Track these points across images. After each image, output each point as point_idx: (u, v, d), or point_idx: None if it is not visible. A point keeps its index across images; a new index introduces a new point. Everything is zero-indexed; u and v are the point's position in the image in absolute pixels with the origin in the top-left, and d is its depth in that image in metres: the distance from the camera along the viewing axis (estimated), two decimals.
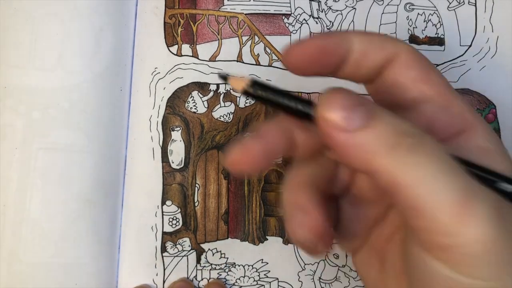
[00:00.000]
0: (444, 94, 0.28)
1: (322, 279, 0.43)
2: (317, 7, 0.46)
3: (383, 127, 0.23)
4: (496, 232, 0.22)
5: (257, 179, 0.44)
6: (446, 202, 0.22)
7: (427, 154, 0.23)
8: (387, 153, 0.23)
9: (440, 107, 0.27)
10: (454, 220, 0.22)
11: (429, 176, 0.22)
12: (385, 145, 0.23)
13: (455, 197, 0.22)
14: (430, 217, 0.23)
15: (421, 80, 0.28)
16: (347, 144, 0.24)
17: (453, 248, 0.23)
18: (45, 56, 0.42)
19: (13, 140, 0.41)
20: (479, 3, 0.46)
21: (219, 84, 0.45)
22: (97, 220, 0.41)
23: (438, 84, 0.28)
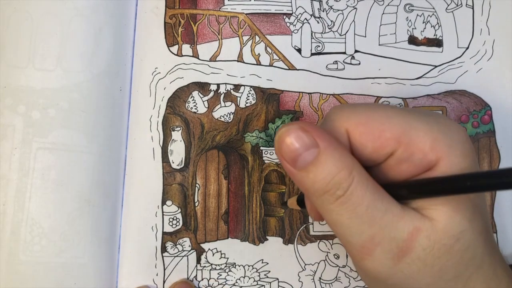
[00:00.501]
0: (406, 144, 0.30)
1: (322, 279, 0.43)
2: (318, 6, 0.46)
3: (319, 175, 0.29)
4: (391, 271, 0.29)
5: (257, 179, 0.44)
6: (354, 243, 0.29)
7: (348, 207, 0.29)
8: (318, 197, 0.29)
9: (402, 159, 0.30)
10: (358, 255, 0.30)
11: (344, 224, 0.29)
12: (317, 190, 0.29)
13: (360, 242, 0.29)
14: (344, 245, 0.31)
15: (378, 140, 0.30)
16: (293, 176, 0.30)
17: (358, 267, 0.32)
18: (45, 56, 0.42)
19: (13, 140, 0.41)
20: (477, 6, 0.47)
21: (220, 84, 0.45)
22: (97, 220, 0.41)
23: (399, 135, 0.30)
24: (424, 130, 0.30)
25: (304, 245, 0.43)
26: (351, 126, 0.30)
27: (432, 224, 0.29)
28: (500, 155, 0.45)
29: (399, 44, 0.46)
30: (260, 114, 0.45)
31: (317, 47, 0.46)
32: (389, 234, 0.29)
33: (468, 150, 0.30)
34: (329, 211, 0.29)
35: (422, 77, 0.45)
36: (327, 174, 0.28)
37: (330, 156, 0.29)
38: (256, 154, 0.44)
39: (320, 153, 0.29)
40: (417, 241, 0.29)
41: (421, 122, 0.30)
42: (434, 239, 0.29)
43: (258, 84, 0.45)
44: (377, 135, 0.30)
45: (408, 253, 0.29)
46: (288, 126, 0.30)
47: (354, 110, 0.31)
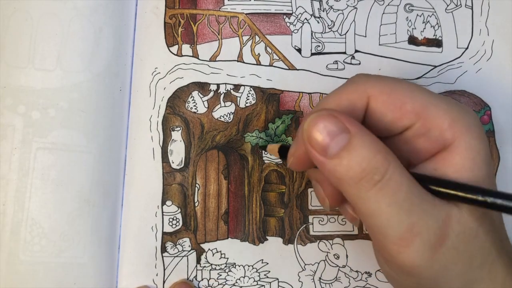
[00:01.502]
0: (424, 119, 0.30)
1: (322, 279, 0.43)
2: (318, 6, 0.46)
3: (354, 160, 0.27)
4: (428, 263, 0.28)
5: (257, 179, 0.44)
6: (392, 235, 0.28)
7: (387, 193, 0.27)
8: (353, 184, 0.28)
9: (419, 133, 0.30)
10: (395, 248, 0.28)
11: (383, 213, 0.28)
12: (352, 177, 0.28)
13: (399, 233, 0.28)
14: (378, 240, 0.29)
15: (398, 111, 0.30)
16: (323, 166, 0.29)
17: (391, 263, 0.30)
18: (45, 56, 0.42)
19: (13, 140, 0.41)
20: (476, 6, 0.47)
21: (219, 84, 0.45)
22: (96, 220, 0.41)
23: (420, 109, 0.30)
24: (444, 109, 0.30)
25: (304, 245, 0.43)
26: (375, 93, 0.31)
27: (459, 210, 0.29)
28: (500, 155, 0.45)
29: (399, 44, 0.46)
30: (260, 114, 0.45)
31: (317, 47, 0.46)
32: (427, 223, 0.28)
33: (483, 134, 0.30)
34: (366, 199, 0.28)
35: (422, 77, 0.45)
36: (362, 158, 0.27)
37: (363, 141, 0.28)
38: (256, 154, 0.44)
39: (352, 138, 0.28)
40: (451, 227, 0.28)
41: (441, 101, 0.30)
42: (464, 223, 0.29)
43: (258, 84, 0.45)
44: (399, 106, 0.30)
45: (445, 241, 0.28)
46: (315, 113, 0.29)
47: (379, 79, 0.31)
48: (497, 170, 0.45)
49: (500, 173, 0.44)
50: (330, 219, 0.44)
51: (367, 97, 0.31)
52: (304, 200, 0.44)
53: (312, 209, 0.44)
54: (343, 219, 0.44)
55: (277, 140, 0.44)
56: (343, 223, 0.44)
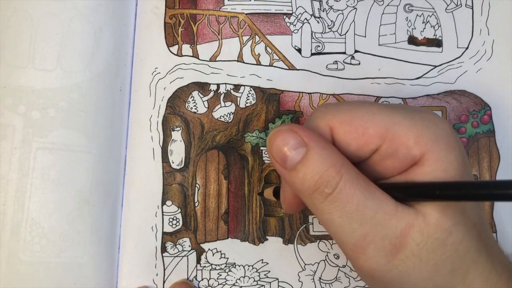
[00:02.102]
0: (390, 140, 0.30)
1: (322, 279, 0.43)
2: (318, 6, 0.46)
3: (308, 173, 0.29)
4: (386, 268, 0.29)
5: (257, 179, 0.44)
6: (347, 242, 0.30)
7: (338, 206, 0.29)
8: (308, 196, 0.30)
9: (387, 154, 0.31)
10: (353, 254, 0.30)
11: (336, 223, 0.29)
12: (306, 189, 0.29)
13: (352, 241, 0.29)
14: (338, 245, 0.31)
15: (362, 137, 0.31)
16: (284, 178, 0.31)
17: (354, 266, 0.31)
18: (45, 56, 0.42)
19: (13, 140, 0.41)
20: (476, 6, 0.47)
21: (220, 84, 0.45)
22: (96, 220, 0.41)
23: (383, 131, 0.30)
24: (408, 125, 0.30)
25: (304, 245, 0.43)
26: (335, 125, 0.31)
27: (424, 219, 0.29)
28: (500, 155, 0.45)
29: (399, 44, 0.46)
30: (260, 114, 0.45)
31: (317, 47, 0.46)
32: (381, 232, 0.29)
33: (453, 143, 0.30)
34: (320, 210, 0.30)
35: (421, 77, 0.45)
36: (316, 172, 0.29)
37: (318, 155, 0.29)
38: (256, 154, 0.44)
39: (308, 152, 0.29)
40: (410, 236, 0.29)
41: (404, 118, 0.30)
42: (427, 233, 0.29)
43: (258, 84, 0.45)
44: (361, 133, 0.30)
45: (402, 249, 0.29)
46: (276, 128, 0.31)
47: (338, 108, 0.32)
48: (497, 170, 0.45)
49: (500, 173, 0.44)
50: None
51: (330, 129, 0.31)
52: None
53: None
54: None
55: None
56: None
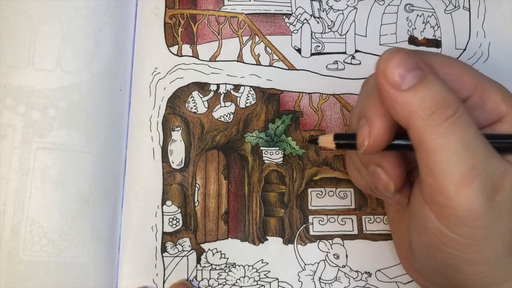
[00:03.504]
0: (481, 92, 0.32)
1: (322, 279, 0.43)
2: (318, 6, 0.46)
3: (429, 93, 0.28)
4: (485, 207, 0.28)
5: (257, 179, 0.44)
6: (454, 172, 0.28)
7: (457, 129, 0.28)
8: (424, 117, 0.28)
9: (476, 105, 0.32)
10: (455, 188, 0.28)
11: (450, 148, 0.28)
12: (425, 109, 0.28)
13: (462, 171, 0.28)
14: (438, 179, 0.29)
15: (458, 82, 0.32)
16: (395, 100, 0.29)
17: (447, 208, 0.29)
18: (45, 56, 0.42)
19: (13, 140, 0.41)
20: (473, 8, 0.47)
21: (219, 84, 0.45)
22: (96, 220, 0.41)
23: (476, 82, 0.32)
24: (495, 85, 0.32)
25: (304, 245, 0.43)
26: (435, 64, 0.32)
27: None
28: None
29: (399, 44, 0.46)
30: (260, 114, 0.45)
31: (317, 47, 0.46)
32: (487, 167, 0.29)
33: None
34: (436, 133, 0.28)
35: None
36: (437, 93, 0.28)
37: (437, 78, 0.29)
38: (256, 154, 0.44)
39: (427, 75, 0.29)
40: (507, 180, 0.29)
41: (490, 79, 0.32)
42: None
43: (258, 84, 0.45)
44: (458, 78, 0.32)
45: (500, 190, 0.29)
46: (392, 50, 0.29)
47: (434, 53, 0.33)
48: None
49: None
50: (330, 219, 0.44)
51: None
52: (304, 200, 0.44)
53: (312, 209, 0.44)
54: (343, 219, 0.44)
55: (277, 140, 0.44)
56: (343, 223, 0.44)
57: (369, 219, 0.44)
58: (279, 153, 0.44)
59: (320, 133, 0.44)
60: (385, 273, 0.43)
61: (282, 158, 0.44)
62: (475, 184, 0.28)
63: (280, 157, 0.44)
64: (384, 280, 0.43)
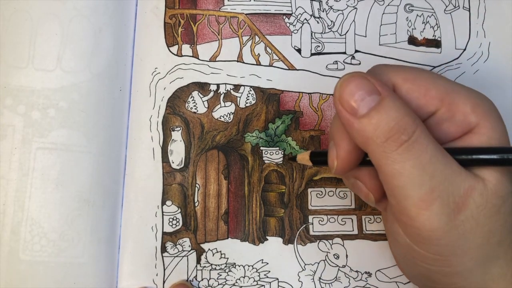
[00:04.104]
0: (448, 104, 0.31)
1: (322, 279, 0.43)
2: (318, 6, 0.46)
3: (383, 120, 0.28)
4: (447, 227, 0.29)
5: (257, 179, 0.44)
6: (413, 196, 0.29)
7: (412, 154, 0.28)
8: (380, 143, 0.28)
9: (444, 118, 0.31)
10: (415, 210, 0.29)
11: (406, 173, 0.28)
12: (379, 136, 0.28)
13: (420, 194, 0.28)
14: (399, 201, 0.30)
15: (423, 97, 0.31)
16: (351, 126, 0.29)
17: (412, 228, 0.30)
18: (45, 56, 0.42)
19: (13, 140, 0.41)
20: (473, 8, 0.47)
21: (219, 84, 0.45)
22: (96, 220, 0.41)
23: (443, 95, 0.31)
24: (465, 94, 0.31)
25: (304, 245, 0.43)
26: (398, 81, 0.31)
27: (484, 184, 0.30)
28: None
29: (399, 44, 0.46)
30: (260, 114, 0.45)
31: (317, 47, 0.46)
32: (447, 188, 0.29)
33: (500, 117, 0.32)
34: (391, 159, 0.28)
35: None
36: (391, 118, 0.28)
37: (393, 102, 0.28)
38: (256, 154, 0.44)
39: (383, 99, 0.28)
40: (472, 198, 0.29)
41: (461, 88, 0.31)
42: (486, 198, 0.29)
43: (258, 84, 0.45)
44: (423, 93, 0.31)
45: (463, 209, 0.29)
46: (348, 74, 0.29)
47: (401, 67, 0.32)
48: None
49: None
50: (330, 219, 0.44)
51: (392, 86, 0.31)
52: (304, 200, 0.44)
53: (312, 209, 0.44)
54: (343, 219, 0.44)
55: (277, 140, 0.44)
56: (342, 223, 0.44)
57: (369, 219, 0.44)
58: (279, 153, 0.44)
59: (320, 133, 0.44)
60: (385, 273, 0.43)
61: (282, 158, 0.44)
62: (434, 206, 0.29)
63: (280, 157, 0.44)
64: (384, 280, 0.43)
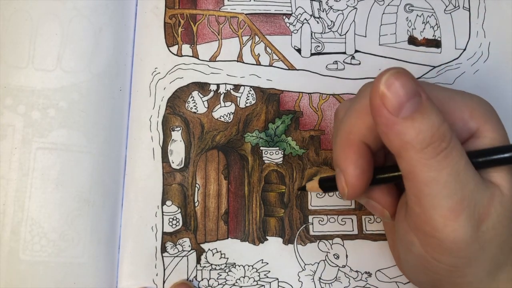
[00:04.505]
0: (447, 114, 0.30)
1: (322, 279, 0.43)
2: (318, 6, 0.46)
3: (425, 124, 0.27)
4: (470, 239, 0.28)
5: (257, 179, 0.44)
6: (443, 206, 0.28)
7: (449, 162, 0.27)
8: (419, 149, 0.27)
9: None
10: (442, 221, 0.28)
11: (441, 181, 0.27)
12: (421, 142, 0.27)
13: (450, 204, 0.28)
14: (426, 210, 0.29)
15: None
16: (390, 127, 0.28)
17: (432, 238, 0.29)
18: (45, 56, 0.42)
19: (13, 140, 0.41)
20: (473, 8, 0.47)
21: (219, 84, 0.45)
22: (96, 220, 0.41)
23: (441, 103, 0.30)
24: (461, 101, 0.31)
25: (304, 245, 0.43)
26: None
27: (501, 190, 0.29)
28: None
29: (399, 44, 0.46)
30: (260, 114, 0.45)
31: (317, 47, 0.46)
32: (475, 198, 0.28)
33: (498, 118, 0.32)
34: (428, 166, 0.27)
35: (421, 78, 0.46)
36: (433, 124, 0.27)
37: (434, 107, 0.28)
38: (256, 154, 0.44)
39: (425, 102, 0.27)
40: (493, 206, 0.29)
41: (456, 94, 0.31)
42: (505, 205, 0.29)
43: (258, 84, 0.45)
44: None
45: (486, 219, 0.28)
46: (395, 70, 0.28)
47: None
48: None
49: None
50: (330, 219, 0.44)
51: None
52: (304, 200, 0.44)
53: (312, 209, 0.44)
54: (343, 219, 0.44)
55: (277, 140, 0.44)
56: (342, 223, 0.44)
57: (369, 219, 0.44)
58: (279, 153, 0.44)
59: (320, 133, 0.44)
60: (385, 273, 0.43)
61: (282, 158, 0.44)
62: (462, 217, 0.28)
63: (280, 157, 0.44)
64: (384, 280, 0.43)
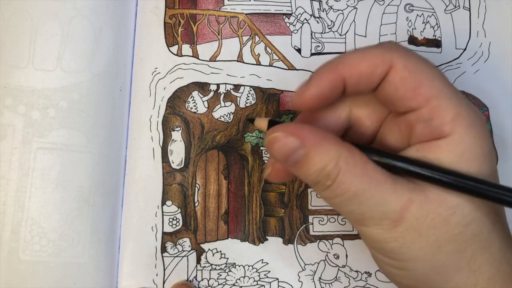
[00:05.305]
0: (432, 107, 0.31)
1: (322, 279, 0.43)
2: (318, 6, 0.46)
3: (309, 170, 0.31)
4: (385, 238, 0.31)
5: (257, 179, 0.44)
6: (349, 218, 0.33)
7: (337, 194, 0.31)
8: (312, 185, 0.32)
9: (421, 119, 0.31)
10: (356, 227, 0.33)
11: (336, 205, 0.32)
12: (309, 181, 0.32)
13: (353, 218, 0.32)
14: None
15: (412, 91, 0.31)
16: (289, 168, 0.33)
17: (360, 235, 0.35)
18: (45, 56, 0.42)
19: (13, 140, 0.41)
20: (473, 8, 0.47)
21: (219, 84, 0.45)
22: (96, 220, 0.41)
23: (432, 96, 0.31)
24: (454, 102, 0.31)
25: (304, 245, 0.43)
26: (398, 66, 0.31)
27: (425, 195, 0.30)
28: (497, 155, 0.45)
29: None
30: (260, 114, 0.45)
31: (317, 47, 0.46)
32: (378, 210, 0.31)
33: (483, 135, 0.31)
34: (322, 195, 0.32)
35: None
36: (316, 169, 0.31)
37: (316, 154, 0.31)
38: (256, 154, 0.44)
39: (307, 152, 0.31)
40: (409, 211, 0.30)
41: (453, 95, 0.31)
42: (428, 208, 0.30)
43: (258, 84, 0.45)
44: (414, 87, 0.31)
45: (400, 223, 0.30)
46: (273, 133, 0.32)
47: (407, 53, 0.32)
48: None
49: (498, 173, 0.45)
50: (330, 219, 0.44)
51: (390, 66, 0.31)
52: (304, 200, 0.44)
53: (312, 209, 0.44)
54: (343, 219, 0.44)
55: None
56: (343, 223, 0.44)
57: None
58: None
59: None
60: None
61: None
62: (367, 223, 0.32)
63: None
64: (384, 280, 0.43)
